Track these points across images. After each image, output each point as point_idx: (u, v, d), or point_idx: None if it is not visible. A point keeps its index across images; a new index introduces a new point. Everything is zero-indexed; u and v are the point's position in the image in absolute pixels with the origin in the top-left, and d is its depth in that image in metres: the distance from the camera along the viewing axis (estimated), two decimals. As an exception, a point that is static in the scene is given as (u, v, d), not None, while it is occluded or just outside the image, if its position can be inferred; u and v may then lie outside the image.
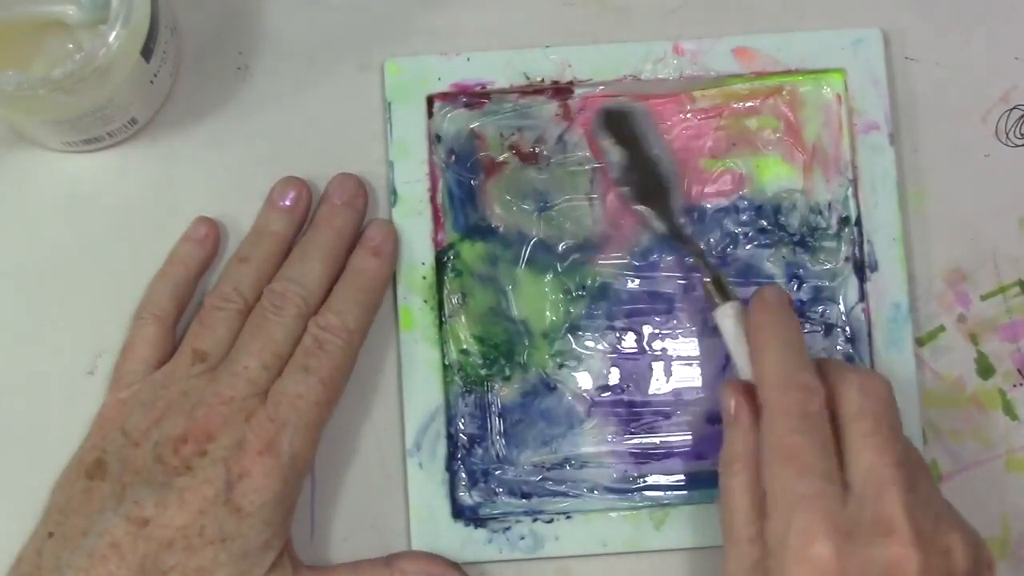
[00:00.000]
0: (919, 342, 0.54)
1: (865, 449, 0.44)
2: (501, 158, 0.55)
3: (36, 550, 0.47)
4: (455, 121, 0.55)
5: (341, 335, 0.50)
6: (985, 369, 0.54)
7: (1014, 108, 0.56)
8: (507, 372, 0.54)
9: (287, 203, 0.52)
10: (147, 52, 0.49)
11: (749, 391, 0.47)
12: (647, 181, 0.54)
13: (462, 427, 0.53)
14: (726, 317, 0.50)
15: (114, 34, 0.47)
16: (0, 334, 0.53)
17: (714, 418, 0.53)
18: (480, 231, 0.54)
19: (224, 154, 0.54)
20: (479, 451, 0.53)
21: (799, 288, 0.54)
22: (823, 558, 0.42)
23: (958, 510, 0.45)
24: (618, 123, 0.54)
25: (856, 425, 0.44)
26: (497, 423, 0.53)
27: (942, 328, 0.54)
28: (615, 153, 0.54)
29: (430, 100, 0.54)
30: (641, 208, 0.54)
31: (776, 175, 0.55)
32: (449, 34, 0.55)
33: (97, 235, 0.54)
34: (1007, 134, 0.55)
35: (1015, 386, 0.54)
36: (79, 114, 0.50)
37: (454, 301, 0.54)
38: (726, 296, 0.50)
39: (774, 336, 0.47)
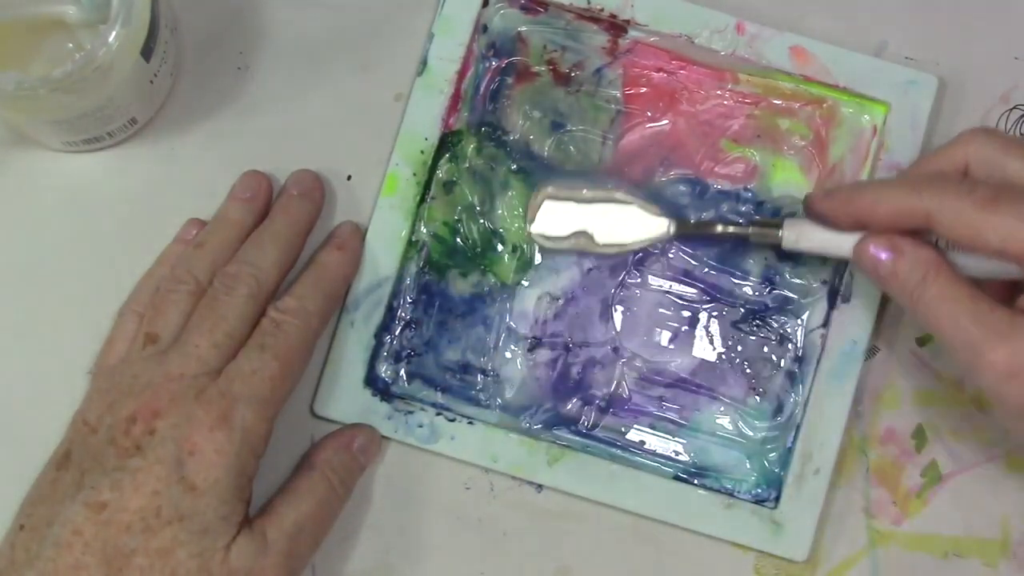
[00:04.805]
0: (919, 342, 0.54)
1: None
2: (536, 69, 0.55)
3: (10, 544, 0.46)
4: (506, 19, 0.55)
5: (299, 316, 0.49)
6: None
7: (1014, 108, 0.55)
8: (467, 269, 0.54)
9: (247, 195, 0.52)
10: (147, 52, 0.49)
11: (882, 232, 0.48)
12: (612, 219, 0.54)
13: (405, 304, 0.54)
14: (799, 228, 0.50)
15: (114, 34, 0.47)
16: (0, 333, 0.53)
17: (645, 379, 0.53)
18: (491, 130, 0.54)
19: (224, 154, 0.54)
20: (412, 332, 0.54)
21: (769, 292, 0.54)
22: None
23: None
24: None
25: None
26: (438, 312, 0.54)
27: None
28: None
29: (490, -11, 0.55)
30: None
31: (787, 180, 0.54)
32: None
33: (97, 235, 0.53)
34: (1007, 134, 0.55)
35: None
36: (79, 114, 0.49)
37: (442, 186, 0.54)
38: (774, 224, 0.51)
39: (868, 187, 0.48)
